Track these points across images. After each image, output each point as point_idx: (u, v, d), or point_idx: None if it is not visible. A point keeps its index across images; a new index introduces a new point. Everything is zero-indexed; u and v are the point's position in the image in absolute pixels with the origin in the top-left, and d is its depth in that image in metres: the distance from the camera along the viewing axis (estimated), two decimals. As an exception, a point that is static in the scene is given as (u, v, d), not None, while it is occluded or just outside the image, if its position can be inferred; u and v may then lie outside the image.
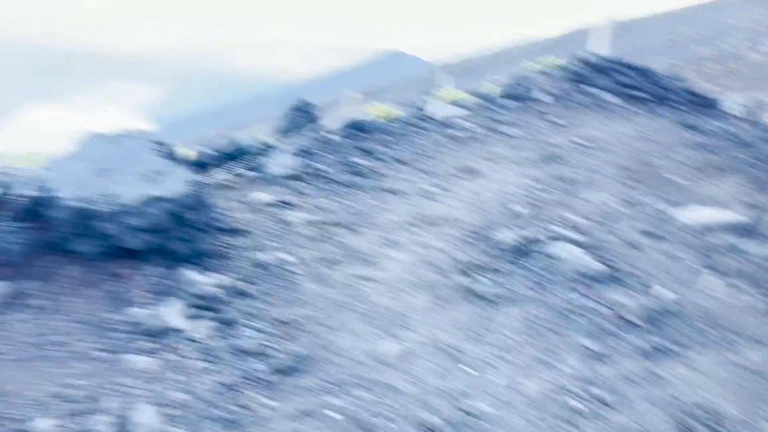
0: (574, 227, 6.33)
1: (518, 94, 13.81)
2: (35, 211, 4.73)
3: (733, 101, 22.32)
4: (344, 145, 9.01)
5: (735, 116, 17.82)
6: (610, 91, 15.55)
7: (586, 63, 16.62)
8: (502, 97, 13.78)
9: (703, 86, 37.24)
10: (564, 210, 6.92)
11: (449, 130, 10.81)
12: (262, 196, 6.86)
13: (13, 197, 4.78)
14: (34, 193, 4.73)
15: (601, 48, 18.14)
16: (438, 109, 12.59)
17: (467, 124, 11.20)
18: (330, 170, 7.76)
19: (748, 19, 78.32)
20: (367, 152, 8.62)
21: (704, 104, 17.40)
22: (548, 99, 14.19)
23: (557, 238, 6.12)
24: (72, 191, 4.66)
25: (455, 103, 13.82)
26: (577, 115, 13.25)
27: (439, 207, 6.73)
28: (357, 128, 10.34)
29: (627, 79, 15.95)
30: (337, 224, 6.16)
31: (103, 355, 4.03)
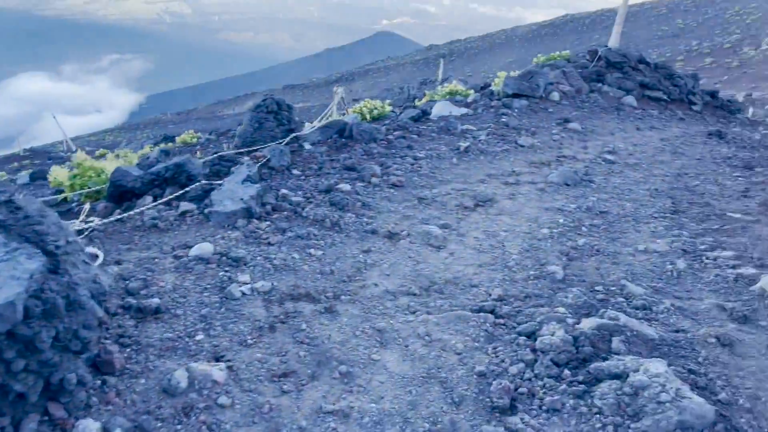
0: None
1: (526, 91, 11.84)
2: None
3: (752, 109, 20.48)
4: (322, 161, 6.81)
5: (757, 122, 16.02)
6: (626, 90, 13.64)
7: (599, 57, 14.68)
8: (507, 96, 11.81)
9: (710, 84, 35.22)
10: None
11: (451, 137, 8.85)
12: (203, 247, 4.46)
13: None
14: None
15: (612, 39, 16.17)
16: (437, 109, 10.60)
17: (472, 129, 9.27)
18: (301, 200, 5.69)
19: (738, 13, 76.57)
20: (352, 170, 6.45)
21: (724, 108, 15.58)
22: (560, 98, 12.26)
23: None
24: None
25: (454, 99, 11.83)
26: (594, 119, 11.33)
27: (449, 264, 4.72)
28: (341, 135, 8.34)
29: (643, 78, 14.05)
30: (305, 298, 4.09)
31: None
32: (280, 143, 7.09)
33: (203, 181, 5.46)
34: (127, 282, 3.97)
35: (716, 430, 2.79)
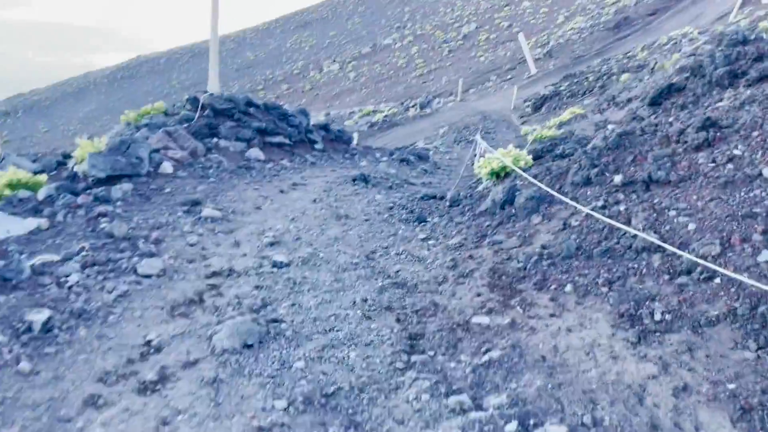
0: None
1: (126, 170, 8.24)
2: None
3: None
4: None
5: (365, 150, 15.39)
6: (245, 140, 11.11)
7: (203, 106, 11.79)
8: (100, 182, 8.02)
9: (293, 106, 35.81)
10: None
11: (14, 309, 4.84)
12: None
13: None
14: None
15: (210, 83, 13.47)
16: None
17: (51, 265, 5.34)
18: None
19: (297, 41, 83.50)
20: None
21: (339, 140, 14.45)
22: (174, 169, 8.98)
23: None
24: None
25: (13, 202, 7.48)
26: (227, 191, 8.42)
27: None
28: None
29: (258, 123, 11.73)
30: None
31: None
32: None
33: None
34: None
35: None
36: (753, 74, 6.45)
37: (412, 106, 36.96)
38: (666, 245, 4.46)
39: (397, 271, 5.73)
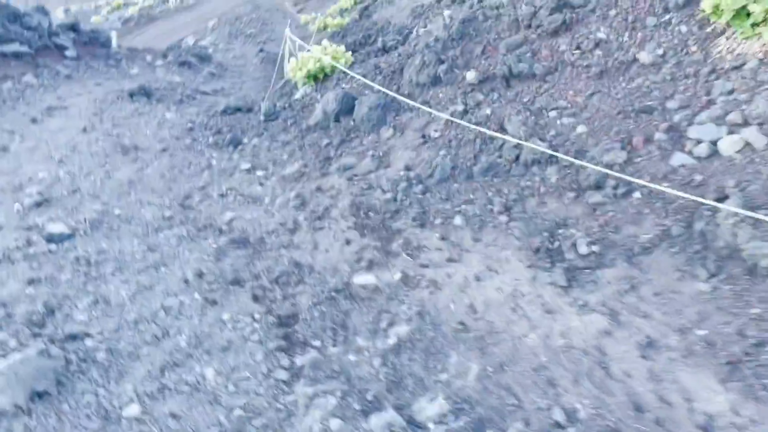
0: None
1: None
2: None
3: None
4: None
5: (128, 54, 12.73)
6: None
7: None
8: None
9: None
10: None
11: None
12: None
13: None
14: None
15: None
16: None
17: None
18: None
19: None
20: None
21: (94, 42, 11.64)
22: None
23: None
24: None
25: None
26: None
27: None
28: None
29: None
30: None
31: None
32: None
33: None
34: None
35: None
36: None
37: (173, -4, 32.43)
38: (561, 155, 3.73)
39: (230, 221, 4.36)
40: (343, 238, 3.94)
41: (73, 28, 11.36)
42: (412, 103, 4.99)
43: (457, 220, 3.81)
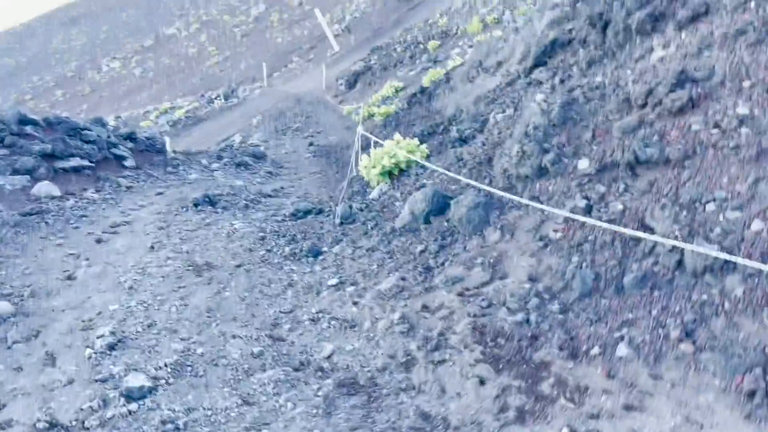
0: None
1: None
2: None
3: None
4: None
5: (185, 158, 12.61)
6: (28, 171, 7.95)
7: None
8: None
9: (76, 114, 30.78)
10: None
11: None
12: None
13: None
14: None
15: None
16: None
17: None
18: None
19: (65, 41, 73.40)
20: None
21: (151, 150, 11.54)
22: None
23: None
24: None
25: None
26: (11, 258, 5.54)
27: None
28: None
29: (42, 144, 8.55)
30: None
31: None
32: None
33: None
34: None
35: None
36: (683, 14, 5.34)
37: (216, 98, 33.56)
38: (743, 260, 2.96)
39: (330, 356, 3.67)
40: (474, 376, 3.19)
41: (130, 137, 11.31)
42: (518, 199, 4.34)
43: (621, 350, 3.04)
